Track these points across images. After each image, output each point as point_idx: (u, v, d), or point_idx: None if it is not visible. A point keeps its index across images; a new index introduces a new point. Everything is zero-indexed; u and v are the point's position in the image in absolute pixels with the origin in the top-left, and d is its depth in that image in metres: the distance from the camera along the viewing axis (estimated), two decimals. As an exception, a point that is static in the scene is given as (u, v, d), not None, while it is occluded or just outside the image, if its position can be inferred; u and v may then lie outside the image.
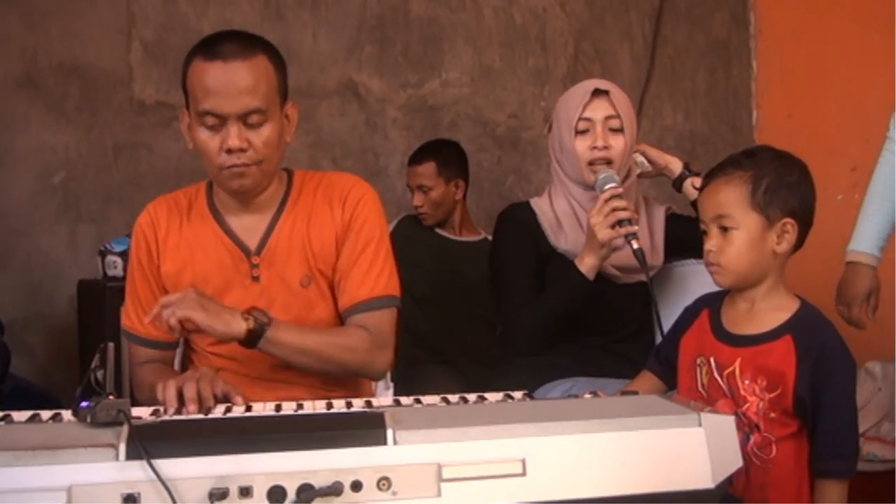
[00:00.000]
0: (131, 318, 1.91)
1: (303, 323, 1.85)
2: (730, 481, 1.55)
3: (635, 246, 2.06)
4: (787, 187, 1.69)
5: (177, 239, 1.88)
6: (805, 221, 1.72)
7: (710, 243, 1.74)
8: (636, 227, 2.07)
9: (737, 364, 1.70)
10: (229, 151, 1.73)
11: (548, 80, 3.79)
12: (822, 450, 1.66)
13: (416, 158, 3.32)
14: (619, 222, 2.05)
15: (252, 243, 1.87)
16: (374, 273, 1.87)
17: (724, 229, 1.71)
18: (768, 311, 1.72)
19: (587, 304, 2.16)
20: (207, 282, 1.85)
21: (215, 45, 1.75)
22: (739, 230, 1.70)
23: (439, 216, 3.32)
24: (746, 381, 1.68)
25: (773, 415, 1.66)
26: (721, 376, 1.71)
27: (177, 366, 2.00)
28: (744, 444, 1.65)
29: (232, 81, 1.71)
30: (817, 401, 1.64)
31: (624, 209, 2.05)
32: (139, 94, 3.41)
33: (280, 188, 1.91)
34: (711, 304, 1.81)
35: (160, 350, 1.91)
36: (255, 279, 1.86)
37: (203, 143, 1.76)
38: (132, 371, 1.93)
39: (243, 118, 1.73)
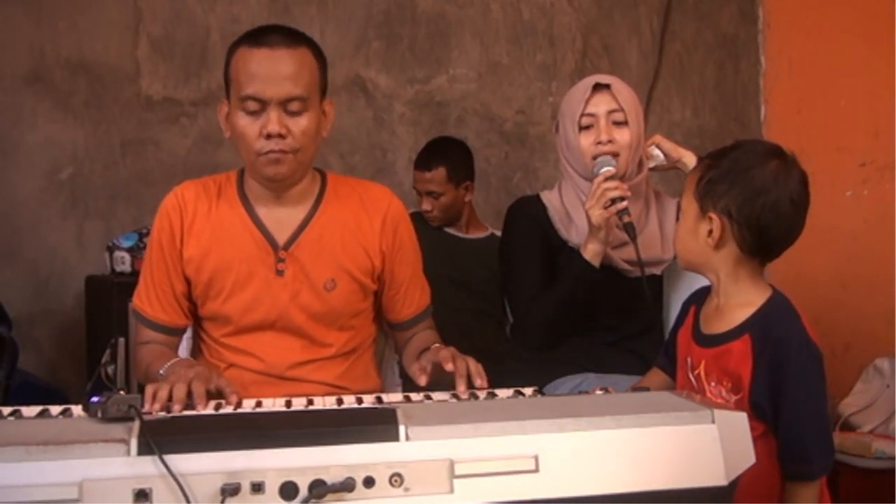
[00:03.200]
0: (142, 298, 1.91)
1: (321, 321, 1.88)
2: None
3: (626, 220, 2.06)
4: (728, 183, 1.59)
5: (203, 223, 1.87)
6: (744, 225, 1.58)
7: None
8: (625, 204, 2.05)
9: (702, 366, 1.65)
10: (268, 137, 1.76)
11: (555, 76, 3.78)
12: (787, 454, 1.56)
13: (426, 164, 3.22)
14: (613, 201, 2.05)
15: (281, 237, 1.87)
16: (424, 283, 2.07)
17: None
18: (734, 308, 1.64)
19: (598, 297, 2.16)
20: (230, 270, 1.85)
21: (262, 35, 1.79)
22: (683, 216, 1.69)
23: (448, 219, 3.27)
24: (712, 384, 1.62)
25: (739, 417, 1.61)
26: (693, 377, 1.67)
27: (184, 355, 1.98)
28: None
29: (276, 67, 1.75)
30: (776, 402, 1.55)
31: (614, 188, 2.05)
32: (146, 89, 3.40)
33: (314, 185, 1.93)
34: (698, 301, 1.77)
35: (166, 335, 1.91)
36: (280, 273, 1.86)
37: (242, 128, 1.78)
38: (134, 349, 1.94)
39: (284, 105, 1.76)
